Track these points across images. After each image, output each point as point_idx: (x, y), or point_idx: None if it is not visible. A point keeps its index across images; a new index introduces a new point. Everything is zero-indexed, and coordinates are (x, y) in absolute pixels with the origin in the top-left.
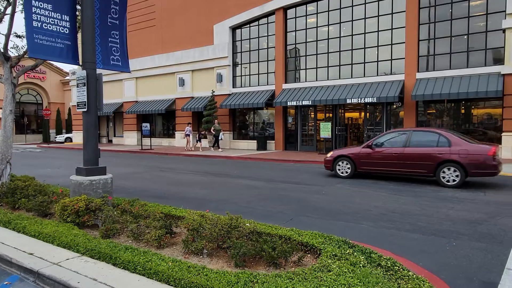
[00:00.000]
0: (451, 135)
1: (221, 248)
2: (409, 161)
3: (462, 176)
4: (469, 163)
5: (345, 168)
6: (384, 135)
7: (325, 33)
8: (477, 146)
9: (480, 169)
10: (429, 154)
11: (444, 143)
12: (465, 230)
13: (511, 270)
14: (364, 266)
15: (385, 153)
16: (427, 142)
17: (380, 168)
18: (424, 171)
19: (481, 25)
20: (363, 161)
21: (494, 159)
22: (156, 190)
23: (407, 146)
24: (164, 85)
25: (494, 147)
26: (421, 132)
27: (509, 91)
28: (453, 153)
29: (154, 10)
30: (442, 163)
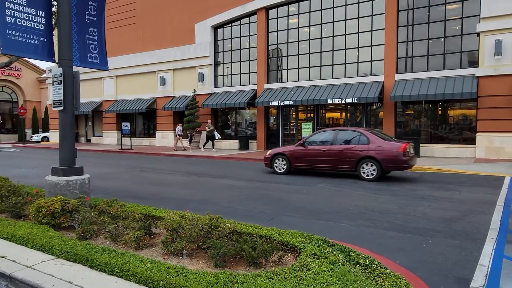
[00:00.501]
0: (370, 134)
1: (201, 249)
2: (335, 157)
3: (379, 171)
4: (383, 159)
5: (282, 165)
6: (315, 134)
7: (307, 33)
8: (390, 144)
9: (393, 164)
10: (351, 151)
11: (364, 141)
12: (441, 228)
13: (484, 266)
14: (343, 265)
15: (316, 150)
16: (350, 140)
17: (311, 165)
18: (348, 167)
19: (457, 28)
20: (297, 158)
21: (404, 155)
22: (136, 190)
23: (334, 144)
24: (145, 84)
25: (405, 145)
26: (345, 131)
27: (483, 93)
28: (371, 150)
29: (134, 8)
30: (362, 159)
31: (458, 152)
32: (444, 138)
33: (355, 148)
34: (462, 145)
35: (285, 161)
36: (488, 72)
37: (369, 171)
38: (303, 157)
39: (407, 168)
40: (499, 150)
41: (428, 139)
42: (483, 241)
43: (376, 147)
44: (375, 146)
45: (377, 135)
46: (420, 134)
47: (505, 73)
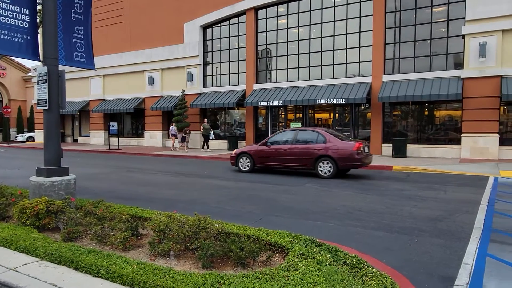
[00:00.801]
0: (327, 134)
1: (188, 249)
2: (295, 156)
3: (334, 168)
4: (338, 157)
5: (246, 164)
6: (277, 134)
7: (296, 34)
8: (345, 143)
9: (347, 162)
10: (309, 150)
11: (321, 141)
12: (427, 227)
13: (468, 265)
14: (330, 264)
15: (277, 149)
16: (309, 140)
17: (273, 163)
18: (306, 165)
19: (443, 30)
20: (260, 157)
21: (358, 153)
22: (123, 191)
23: (294, 144)
24: (133, 84)
25: (358, 144)
26: (305, 131)
27: (468, 94)
28: (328, 149)
29: (122, 7)
30: (319, 157)
31: (444, 153)
32: (431, 139)
33: (313, 148)
34: (448, 145)
35: (249, 159)
36: (473, 74)
37: (326, 169)
38: (265, 156)
39: (361, 166)
40: (483, 151)
41: (415, 140)
42: (467, 240)
43: (332, 146)
44: (331, 145)
45: (334, 135)
46: (407, 135)
47: (489, 75)
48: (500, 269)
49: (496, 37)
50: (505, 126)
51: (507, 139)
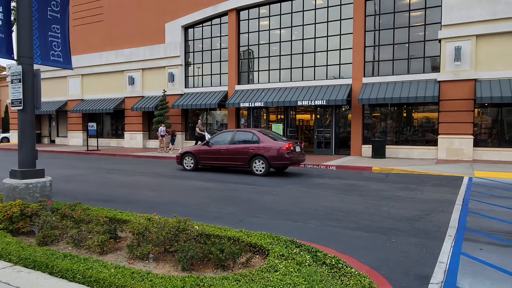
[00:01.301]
0: (261, 134)
1: (168, 252)
2: (233, 155)
3: (267, 166)
4: (270, 156)
5: (190, 163)
6: (218, 135)
7: (277, 36)
8: (276, 143)
9: (278, 160)
10: (246, 149)
11: (256, 141)
12: (404, 227)
13: (443, 263)
14: (309, 265)
15: (217, 149)
16: (245, 140)
17: (214, 162)
18: (242, 163)
19: (420, 34)
20: (202, 156)
21: (288, 153)
22: (102, 193)
23: (232, 144)
24: (113, 84)
25: (288, 144)
26: (242, 132)
27: (444, 97)
28: (261, 148)
29: (101, 5)
30: (253, 156)
31: (421, 153)
32: (409, 140)
33: (248, 147)
34: (425, 146)
35: (192, 159)
36: (448, 77)
37: (259, 167)
38: (207, 155)
39: (290, 163)
40: (459, 151)
41: (394, 141)
42: (442, 239)
43: (265, 146)
44: (264, 145)
45: (267, 135)
46: (386, 136)
47: (463, 78)
48: (473, 267)
49: (471, 41)
50: (479, 128)
51: (481, 141)
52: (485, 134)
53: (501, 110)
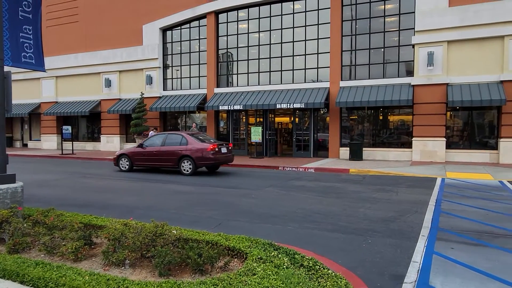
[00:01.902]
0: (189, 137)
1: (145, 258)
2: (163, 156)
3: (193, 166)
4: (196, 157)
5: (125, 164)
6: (151, 137)
7: (256, 39)
8: (202, 144)
9: (203, 161)
10: (174, 151)
11: (184, 143)
12: (380, 228)
13: (416, 263)
14: (287, 268)
15: (150, 151)
16: (175, 142)
17: (147, 163)
18: (172, 164)
19: (395, 39)
20: (136, 157)
21: (212, 153)
22: (77, 198)
23: (163, 146)
24: (89, 86)
25: (213, 145)
26: (172, 134)
27: (418, 100)
28: (188, 150)
29: (77, 5)
30: (182, 157)
31: (397, 155)
32: (385, 142)
33: (177, 149)
34: (401, 148)
35: (128, 160)
36: (422, 81)
37: (187, 167)
38: (140, 157)
39: (215, 163)
40: (432, 154)
41: (371, 143)
42: (416, 239)
43: (192, 148)
44: (191, 146)
45: (196, 137)
46: (364, 138)
47: (436, 83)
48: (445, 266)
49: (442, 47)
50: (452, 130)
51: (453, 143)
52: (457, 137)
53: (472, 113)
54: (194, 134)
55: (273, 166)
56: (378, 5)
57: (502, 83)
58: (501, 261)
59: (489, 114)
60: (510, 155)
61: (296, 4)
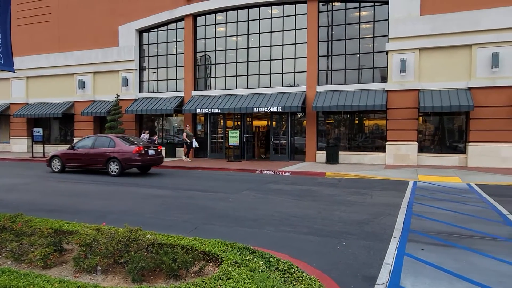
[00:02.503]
0: (117, 139)
1: (118, 264)
2: (92, 158)
3: (120, 168)
4: (122, 159)
5: (57, 165)
6: (82, 139)
7: (234, 43)
8: (128, 147)
9: (129, 162)
10: (102, 153)
11: (112, 145)
12: (354, 230)
13: (388, 264)
14: (262, 271)
15: (80, 153)
16: (104, 144)
17: (77, 164)
18: (100, 165)
19: (370, 46)
20: (68, 159)
21: (138, 156)
22: (48, 203)
23: (93, 147)
24: (62, 87)
25: (138, 148)
26: (101, 137)
27: (391, 106)
28: (115, 152)
29: (49, 4)
30: (109, 159)
31: (371, 159)
32: (360, 146)
33: (105, 151)
34: (375, 152)
35: (59, 161)
36: (395, 87)
37: (114, 168)
38: (71, 158)
39: (142, 165)
40: (405, 157)
41: (346, 147)
42: (388, 241)
43: (119, 150)
44: (118, 149)
45: (124, 140)
46: (340, 142)
47: (408, 88)
48: (415, 267)
49: (414, 54)
50: (423, 135)
51: (424, 147)
52: (428, 141)
53: (442, 119)
54: (124, 137)
55: (250, 170)
56: (353, 12)
57: (470, 89)
58: (469, 261)
59: (458, 119)
60: (477, 159)
61: (274, 9)
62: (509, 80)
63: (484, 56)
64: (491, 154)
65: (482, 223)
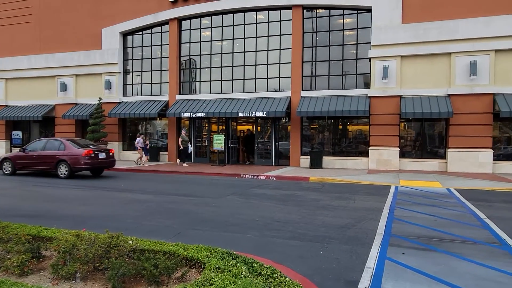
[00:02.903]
0: (67, 142)
1: (98, 270)
2: (43, 160)
3: (69, 171)
4: (71, 162)
5: (8, 167)
6: (33, 142)
7: (219, 47)
8: (78, 150)
9: (77, 165)
10: (53, 155)
11: (62, 148)
12: (337, 235)
13: (370, 268)
14: (245, 277)
15: (31, 155)
16: (54, 147)
17: (28, 166)
18: (50, 168)
19: (353, 52)
20: (18, 162)
21: (87, 158)
22: (27, 208)
23: (44, 150)
24: (42, 89)
25: (87, 151)
26: (52, 140)
27: (374, 111)
28: (65, 155)
29: (31, 5)
30: (59, 161)
31: (354, 164)
32: (344, 151)
33: (55, 154)
34: (358, 157)
35: (10, 164)
36: (377, 93)
37: (63, 171)
38: (23, 161)
39: (91, 168)
40: (387, 162)
41: (330, 152)
42: (370, 245)
43: (68, 153)
44: (68, 152)
45: (74, 143)
46: (324, 147)
47: (390, 95)
48: (396, 271)
49: (396, 61)
50: (405, 140)
51: (406, 152)
52: (410, 146)
53: (423, 125)
54: (76, 140)
55: (234, 174)
56: (337, 19)
57: (449, 96)
58: (448, 265)
59: (438, 125)
60: (456, 164)
61: (259, 14)
62: (486, 87)
63: (463, 64)
64: (469, 160)
65: (461, 227)
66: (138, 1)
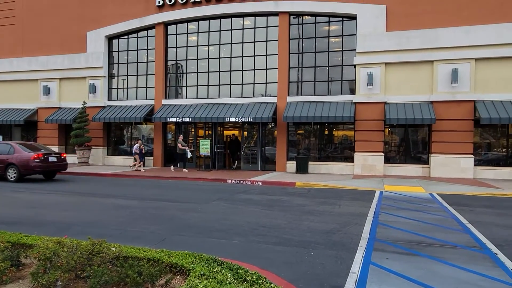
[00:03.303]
0: (17, 146)
1: (80, 278)
2: None
3: (18, 174)
4: (21, 165)
5: None
6: None
7: (206, 52)
8: (27, 154)
9: (27, 169)
10: (2, 159)
11: (12, 152)
12: (322, 240)
13: (354, 273)
14: (230, 283)
15: None
16: (4, 151)
17: None
18: (0, 171)
19: (339, 59)
20: None
21: (37, 162)
22: (5, 215)
23: None
24: (24, 93)
25: (36, 155)
26: (2, 144)
27: (359, 117)
28: (14, 158)
29: (13, 7)
30: (8, 165)
31: (340, 169)
32: (329, 157)
33: (5, 157)
34: (344, 162)
35: None
36: (362, 99)
37: (12, 174)
38: None
39: (41, 171)
40: (372, 167)
41: (316, 157)
42: (355, 250)
43: (18, 156)
44: (17, 155)
45: (24, 147)
46: (310, 152)
47: (375, 101)
48: (380, 275)
49: (380, 68)
50: (390, 146)
51: (390, 157)
52: (394, 152)
53: (407, 130)
54: (27, 144)
55: (221, 179)
56: (323, 26)
57: (432, 103)
58: (430, 269)
59: (422, 131)
60: (439, 169)
61: (246, 20)
62: (467, 94)
63: (445, 72)
64: (451, 165)
65: (443, 232)
66: (124, 5)
